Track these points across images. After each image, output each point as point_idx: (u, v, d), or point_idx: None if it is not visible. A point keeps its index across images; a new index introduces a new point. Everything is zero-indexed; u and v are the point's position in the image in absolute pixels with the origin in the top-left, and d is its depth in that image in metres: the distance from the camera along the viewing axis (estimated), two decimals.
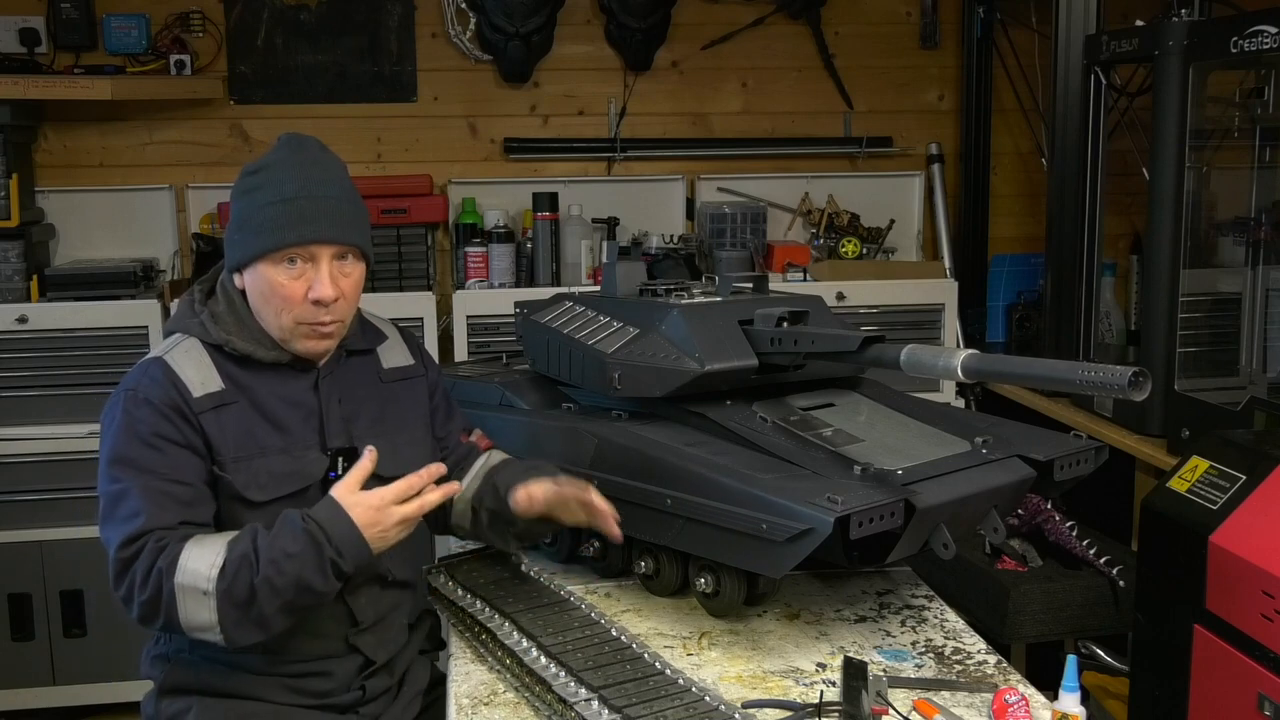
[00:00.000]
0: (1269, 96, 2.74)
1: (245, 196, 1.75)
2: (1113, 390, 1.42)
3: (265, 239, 1.71)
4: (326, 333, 1.77)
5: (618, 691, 1.51)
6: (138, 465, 1.67)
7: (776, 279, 3.46)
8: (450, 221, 3.65)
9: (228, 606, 1.58)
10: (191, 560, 1.60)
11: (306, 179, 1.73)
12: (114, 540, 1.65)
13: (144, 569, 1.61)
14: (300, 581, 1.60)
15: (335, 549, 1.61)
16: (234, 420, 1.73)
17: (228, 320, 1.77)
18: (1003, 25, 3.85)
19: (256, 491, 1.72)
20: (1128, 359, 3.46)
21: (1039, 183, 3.79)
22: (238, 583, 1.58)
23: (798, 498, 1.59)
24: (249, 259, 1.73)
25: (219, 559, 1.60)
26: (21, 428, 3.21)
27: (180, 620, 1.60)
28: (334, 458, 1.78)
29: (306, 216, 1.70)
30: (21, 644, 3.27)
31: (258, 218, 1.71)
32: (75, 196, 3.58)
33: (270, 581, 1.58)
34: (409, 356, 1.96)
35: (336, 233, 1.73)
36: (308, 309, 1.73)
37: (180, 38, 3.57)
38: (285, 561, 1.59)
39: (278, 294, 1.72)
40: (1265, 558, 1.89)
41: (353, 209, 1.77)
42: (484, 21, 3.64)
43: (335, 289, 1.73)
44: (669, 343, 1.89)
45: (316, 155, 1.78)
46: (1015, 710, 1.52)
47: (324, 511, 1.63)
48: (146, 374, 1.72)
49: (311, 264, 1.72)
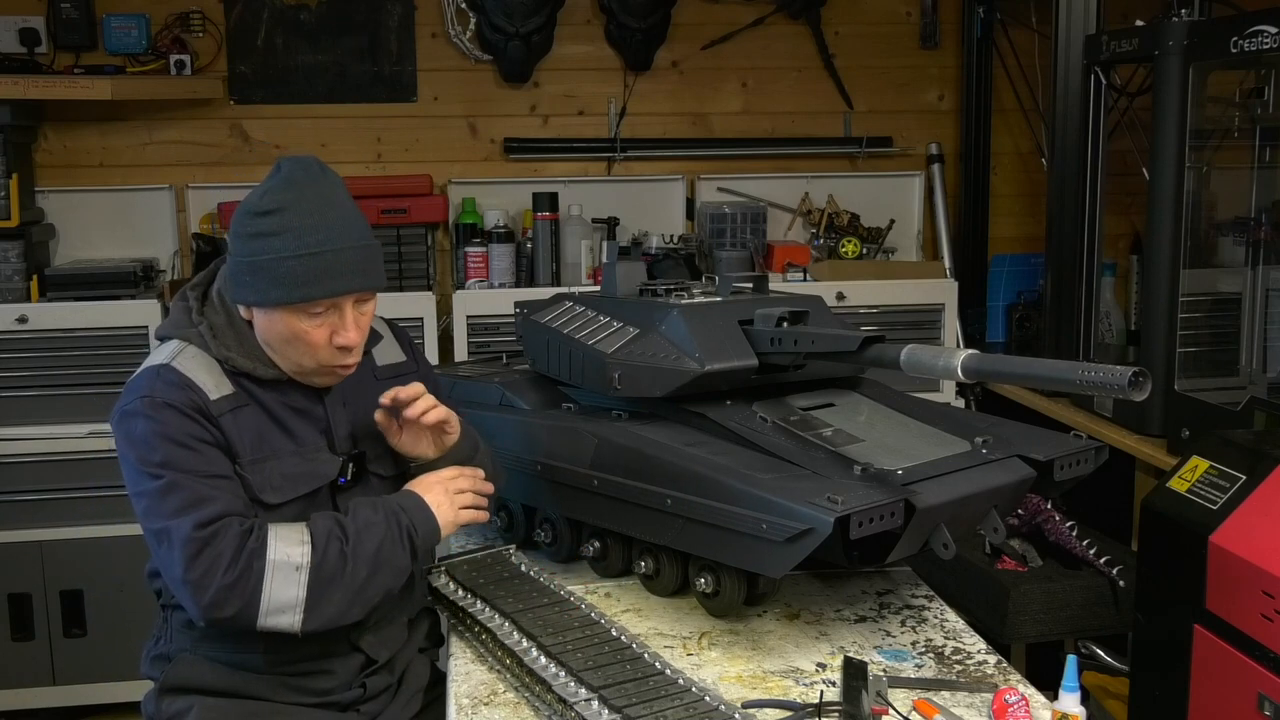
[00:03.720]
0: (1269, 96, 2.74)
1: (258, 241, 1.67)
2: (1113, 390, 1.42)
3: (290, 293, 1.66)
4: (349, 370, 1.77)
5: (618, 691, 1.51)
6: (177, 465, 1.64)
7: (776, 279, 3.46)
8: (450, 221, 3.65)
9: (318, 582, 1.62)
10: (280, 539, 1.63)
11: (328, 229, 1.67)
12: (184, 526, 1.59)
13: (231, 549, 1.59)
14: (381, 553, 1.66)
15: (410, 521, 1.70)
16: (249, 422, 1.73)
17: (227, 336, 1.74)
18: (1003, 25, 3.86)
19: (271, 493, 1.71)
20: (1128, 359, 3.46)
21: (1039, 183, 3.79)
22: (329, 555, 1.63)
23: (798, 498, 1.59)
24: (268, 306, 1.70)
25: (307, 535, 1.64)
26: (21, 428, 3.21)
27: (263, 600, 1.60)
28: (344, 464, 1.79)
29: (332, 271, 1.66)
30: (21, 644, 3.27)
31: (278, 269, 1.65)
32: (75, 196, 3.58)
33: (359, 551, 1.64)
34: (401, 353, 1.97)
35: (362, 281, 1.71)
36: (331, 353, 1.72)
37: (180, 38, 3.57)
38: (367, 531, 1.66)
39: (301, 340, 1.70)
40: (1265, 558, 1.89)
41: (371, 250, 1.72)
42: (484, 21, 3.64)
43: (360, 333, 1.73)
44: (669, 343, 1.89)
45: (328, 192, 1.70)
46: (1015, 710, 1.52)
47: (398, 496, 1.75)
48: (160, 379, 1.68)
49: (334, 310, 1.70)
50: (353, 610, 1.67)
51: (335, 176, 1.75)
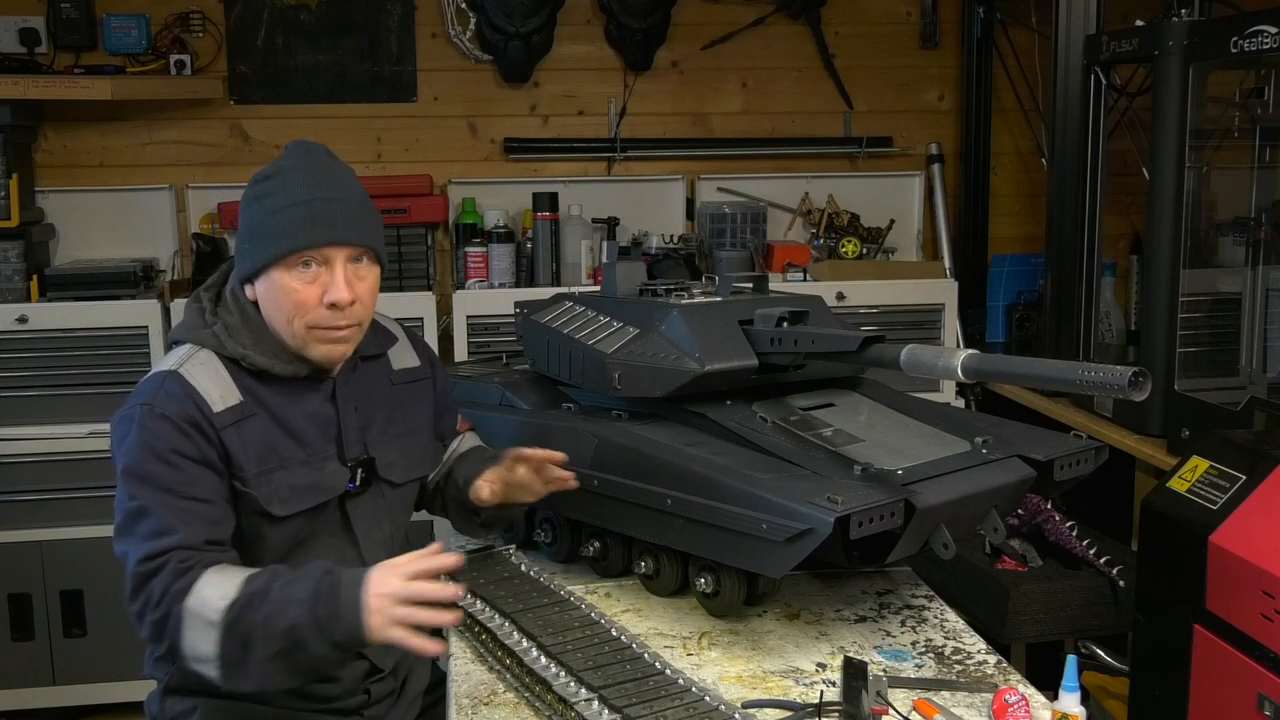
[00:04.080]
0: (1269, 96, 2.74)
1: (256, 204, 1.71)
2: (1113, 390, 1.42)
3: (279, 244, 1.67)
4: (342, 337, 1.73)
5: (618, 691, 1.51)
6: (155, 482, 1.62)
7: (776, 279, 3.46)
8: (450, 221, 3.65)
9: (229, 642, 1.51)
10: (207, 588, 1.54)
11: (318, 183, 1.70)
12: (134, 555, 1.58)
13: (161, 588, 1.55)
14: (293, 634, 1.50)
15: (331, 610, 1.49)
16: (255, 433, 1.70)
17: (242, 333, 1.73)
18: (1003, 25, 3.86)
19: (279, 505, 1.70)
20: (1128, 359, 3.46)
21: (1039, 183, 3.79)
22: (243, 619, 1.51)
23: (798, 498, 1.59)
24: (261, 266, 1.70)
25: (234, 591, 1.53)
26: (21, 428, 3.21)
27: (183, 648, 1.54)
28: (353, 470, 1.78)
29: (319, 219, 1.67)
30: (21, 644, 3.27)
31: (269, 224, 1.68)
32: (75, 196, 3.57)
33: (269, 623, 1.50)
34: (416, 358, 1.96)
35: (351, 234, 1.70)
36: (323, 313, 1.70)
37: (180, 38, 3.57)
38: (288, 606, 1.51)
39: (291, 299, 1.69)
40: (1265, 558, 1.89)
41: (366, 212, 1.74)
42: (484, 21, 3.64)
43: (351, 291, 1.70)
44: (669, 343, 1.89)
45: (326, 161, 1.75)
46: (1015, 710, 1.52)
47: (349, 574, 1.54)
48: (163, 388, 1.67)
49: (325, 267, 1.69)
50: (270, 681, 1.55)
51: (344, 163, 1.78)
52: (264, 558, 1.71)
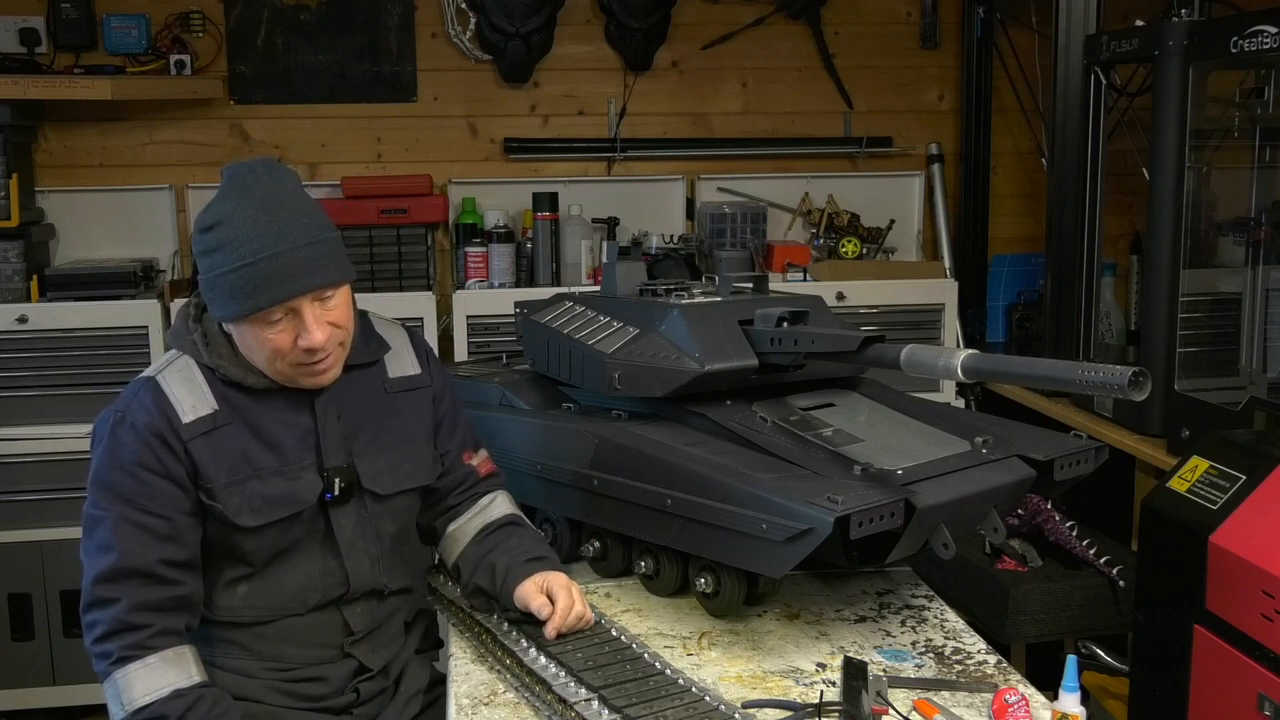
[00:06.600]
0: (1269, 96, 2.73)
1: (205, 258, 1.66)
2: (1113, 390, 1.42)
3: (236, 305, 1.63)
4: (327, 366, 1.72)
5: (618, 691, 1.51)
6: (116, 492, 1.65)
7: (776, 279, 3.46)
8: (450, 221, 3.65)
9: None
10: (137, 678, 1.61)
11: (263, 232, 1.62)
12: (90, 570, 1.64)
13: (104, 628, 1.62)
14: None
15: None
16: (227, 443, 1.69)
17: (219, 344, 1.72)
18: (1003, 25, 3.85)
19: (249, 516, 1.68)
20: (1128, 359, 3.46)
21: (1039, 183, 3.78)
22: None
23: (798, 498, 1.59)
24: (226, 319, 1.68)
25: (150, 699, 1.60)
26: (21, 428, 3.21)
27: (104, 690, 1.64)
28: (330, 478, 1.74)
29: (272, 277, 1.61)
30: (21, 644, 3.27)
31: (225, 284, 1.63)
32: (75, 196, 3.57)
33: None
34: (416, 365, 1.91)
35: (309, 281, 1.64)
36: (298, 354, 1.68)
37: (180, 38, 3.56)
38: None
39: (267, 347, 1.67)
40: (1265, 558, 1.89)
41: (320, 248, 1.65)
42: (484, 21, 3.64)
43: (324, 331, 1.66)
44: (669, 343, 1.89)
45: (271, 193, 1.65)
46: (1015, 710, 1.52)
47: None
48: (136, 397, 1.69)
49: (292, 314, 1.65)
50: None
51: (284, 175, 1.71)
52: (245, 566, 1.73)
